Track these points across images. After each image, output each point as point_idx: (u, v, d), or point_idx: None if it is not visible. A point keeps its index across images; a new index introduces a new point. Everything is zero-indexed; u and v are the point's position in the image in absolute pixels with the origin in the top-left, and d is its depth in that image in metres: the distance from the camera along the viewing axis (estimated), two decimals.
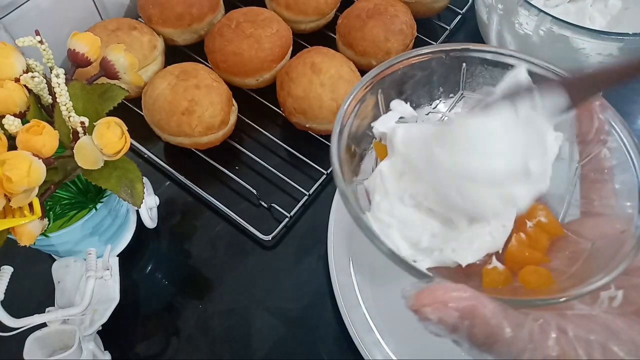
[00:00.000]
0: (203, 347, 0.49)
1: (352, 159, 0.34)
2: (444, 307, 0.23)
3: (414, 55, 0.34)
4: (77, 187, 0.45)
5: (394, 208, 0.31)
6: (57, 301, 0.43)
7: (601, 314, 0.26)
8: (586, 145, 0.32)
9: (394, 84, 0.35)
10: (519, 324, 0.24)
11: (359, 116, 0.33)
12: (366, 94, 0.34)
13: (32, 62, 0.40)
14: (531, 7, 0.54)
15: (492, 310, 0.23)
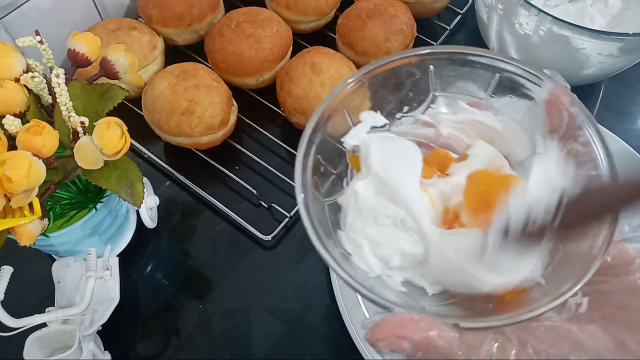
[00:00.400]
0: (203, 346, 0.49)
1: (325, 179, 0.33)
2: (398, 341, 0.24)
3: (378, 65, 0.34)
4: (77, 187, 0.45)
5: (366, 227, 0.31)
6: (57, 301, 0.43)
7: (565, 324, 0.26)
8: (563, 141, 0.31)
9: (360, 96, 0.35)
10: (476, 346, 0.24)
11: (326, 133, 0.33)
12: (333, 110, 0.33)
13: (32, 62, 0.40)
14: (531, 7, 0.54)
15: (446, 339, 0.24)
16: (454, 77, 0.35)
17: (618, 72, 0.61)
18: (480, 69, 0.34)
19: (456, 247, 0.29)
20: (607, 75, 0.62)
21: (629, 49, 0.54)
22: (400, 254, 0.31)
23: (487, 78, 0.34)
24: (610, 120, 0.66)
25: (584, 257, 0.26)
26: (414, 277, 0.31)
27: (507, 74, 0.33)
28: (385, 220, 0.31)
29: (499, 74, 0.34)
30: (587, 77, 0.62)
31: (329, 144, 0.33)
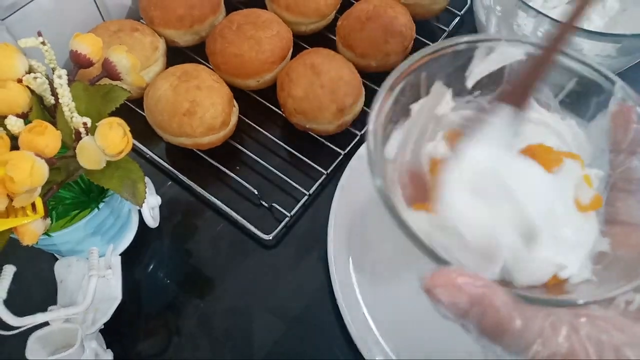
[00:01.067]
0: (204, 345, 0.49)
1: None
2: (456, 291, 0.23)
3: (461, 41, 0.34)
4: (79, 187, 0.46)
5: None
6: (59, 300, 0.44)
7: (617, 316, 0.25)
8: (618, 154, 0.32)
9: (438, 68, 0.34)
10: (530, 317, 0.24)
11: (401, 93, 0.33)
12: (410, 74, 0.33)
13: (35, 63, 0.40)
14: (529, 9, 0.54)
15: (503, 300, 0.24)
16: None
17: (616, 73, 0.61)
18: (558, 69, 0.34)
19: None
20: None
21: (627, 50, 0.54)
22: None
23: (564, 81, 0.34)
24: None
25: (637, 262, 0.27)
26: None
27: (585, 79, 0.33)
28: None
29: (577, 77, 0.33)
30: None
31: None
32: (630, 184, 0.31)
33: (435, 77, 0.35)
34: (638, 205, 0.31)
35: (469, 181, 0.30)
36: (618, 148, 0.32)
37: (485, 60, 0.35)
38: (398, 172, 0.34)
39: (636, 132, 0.31)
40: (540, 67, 0.30)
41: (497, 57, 0.34)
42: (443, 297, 0.24)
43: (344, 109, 0.57)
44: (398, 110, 0.34)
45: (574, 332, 0.24)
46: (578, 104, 0.34)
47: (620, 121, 0.31)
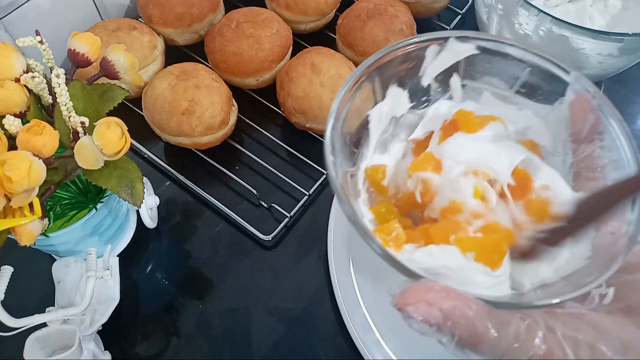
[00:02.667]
0: (203, 346, 0.49)
1: (348, 151, 0.34)
2: (428, 307, 0.23)
3: (410, 42, 0.34)
4: (77, 187, 0.45)
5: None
6: (57, 301, 0.43)
7: (590, 312, 0.26)
8: (580, 143, 0.32)
9: (391, 72, 0.35)
10: (504, 323, 0.24)
11: (353, 107, 0.33)
12: (361, 82, 0.33)
13: (33, 62, 0.40)
14: (531, 7, 0.54)
15: (476, 311, 0.24)
16: (483, 67, 0.35)
17: (618, 72, 0.61)
18: (511, 62, 0.34)
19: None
20: (607, 75, 0.62)
21: (628, 49, 0.54)
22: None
23: (517, 72, 0.34)
24: None
25: (608, 253, 0.27)
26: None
27: (537, 69, 0.33)
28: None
29: (530, 68, 0.33)
30: (587, 77, 0.60)
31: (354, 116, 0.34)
32: (594, 172, 0.31)
33: (390, 81, 0.35)
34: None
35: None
36: (578, 137, 0.32)
37: (437, 58, 0.35)
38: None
39: (594, 120, 0.31)
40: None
41: (448, 55, 0.34)
42: (415, 314, 0.24)
43: None
44: (355, 121, 0.34)
45: (550, 333, 0.24)
46: (534, 94, 0.34)
47: (578, 110, 0.32)
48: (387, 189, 0.34)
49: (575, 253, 0.29)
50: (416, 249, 0.30)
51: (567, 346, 0.24)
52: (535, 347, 0.24)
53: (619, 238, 0.27)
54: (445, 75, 0.35)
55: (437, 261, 0.28)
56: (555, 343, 0.24)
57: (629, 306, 0.26)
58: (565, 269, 0.28)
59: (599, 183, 0.30)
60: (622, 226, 0.27)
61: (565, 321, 0.25)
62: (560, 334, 0.24)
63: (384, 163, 0.35)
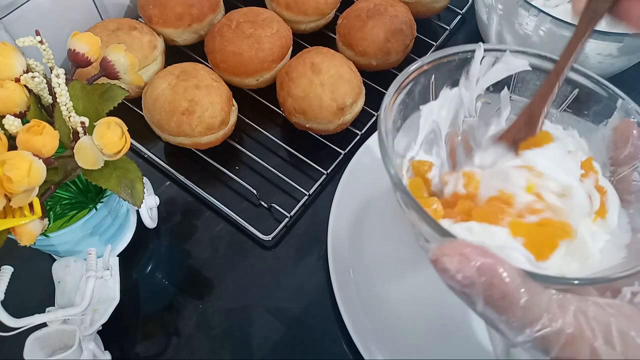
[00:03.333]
0: (203, 346, 0.49)
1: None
2: (464, 259, 0.23)
3: (468, 49, 0.35)
4: (77, 187, 0.45)
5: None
6: (57, 301, 0.43)
7: (623, 305, 0.25)
8: (618, 166, 0.33)
9: (447, 74, 0.36)
10: (538, 293, 0.24)
11: (410, 94, 0.34)
12: (420, 74, 0.34)
13: (33, 62, 0.40)
14: (531, 7, 0.54)
15: (511, 273, 0.23)
16: (534, 84, 0.36)
17: (618, 72, 0.61)
18: (564, 81, 0.34)
19: None
20: (606, 75, 0.62)
21: (628, 49, 0.54)
22: None
23: (566, 92, 0.35)
24: None
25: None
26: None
27: (586, 91, 0.34)
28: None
29: (579, 89, 0.34)
30: None
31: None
32: (629, 194, 0.32)
33: (444, 83, 0.36)
34: (636, 213, 0.32)
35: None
36: (617, 160, 0.33)
37: (491, 69, 0.36)
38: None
39: (635, 146, 0.32)
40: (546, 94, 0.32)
41: (502, 67, 0.36)
42: (450, 265, 0.23)
43: (344, 108, 0.57)
44: (409, 108, 0.35)
45: (582, 313, 0.24)
46: (580, 113, 0.35)
47: (621, 136, 0.33)
48: (431, 182, 0.35)
49: (610, 257, 0.30)
50: (453, 223, 0.30)
51: (598, 329, 0.23)
52: (565, 323, 0.23)
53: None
54: (496, 89, 0.37)
55: (475, 237, 0.29)
56: (586, 323, 0.23)
57: None
58: (600, 266, 0.29)
59: (634, 206, 0.32)
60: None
61: (599, 307, 0.25)
62: (593, 316, 0.24)
63: (430, 160, 0.36)
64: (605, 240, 0.31)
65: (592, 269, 0.29)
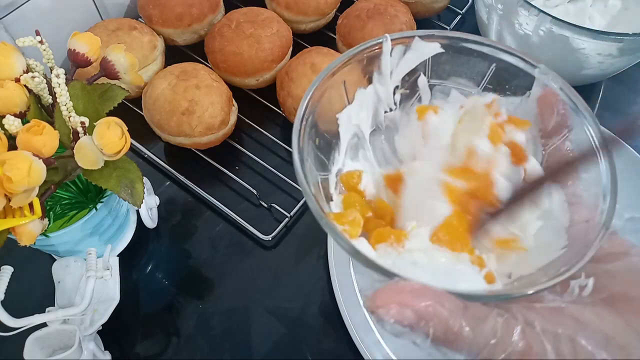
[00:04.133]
0: (203, 346, 0.49)
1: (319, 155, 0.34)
2: (400, 309, 0.23)
3: (375, 43, 0.34)
4: (77, 187, 0.45)
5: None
6: (57, 301, 0.43)
7: (570, 305, 0.25)
8: (549, 137, 0.32)
9: (358, 74, 0.34)
10: (481, 319, 0.24)
11: (322, 109, 0.33)
12: (329, 84, 0.33)
13: (33, 62, 0.40)
14: (531, 7, 0.54)
15: (450, 308, 0.23)
16: (449, 66, 0.35)
17: (618, 72, 0.61)
18: (477, 58, 0.34)
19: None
20: (607, 75, 0.62)
21: (628, 49, 0.54)
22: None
23: (483, 68, 0.34)
24: (610, 120, 0.66)
25: (583, 242, 0.27)
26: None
27: (504, 65, 0.33)
28: None
29: (496, 64, 0.34)
30: (587, 77, 0.62)
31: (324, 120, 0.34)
32: (569, 166, 0.31)
33: (358, 84, 0.35)
34: (575, 183, 0.30)
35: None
36: (546, 131, 0.32)
37: (403, 58, 0.35)
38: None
39: (561, 116, 0.31)
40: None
41: (414, 55, 0.34)
42: (387, 317, 0.23)
43: None
44: (325, 125, 0.34)
45: (529, 327, 0.24)
46: (502, 89, 0.34)
47: (546, 105, 0.32)
48: (364, 193, 0.34)
49: (550, 244, 0.29)
50: (397, 255, 0.30)
51: (546, 341, 0.24)
52: (513, 343, 0.23)
53: (592, 227, 0.27)
54: (412, 77, 0.35)
55: (420, 269, 0.28)
56: (534, 338, 0.24)
57: (610, 296, 0.25)
58: (541, 260, 0.28)
59: (573, 177, 0.30)
60: (595, 215, 0.27)
61: (545, 315, 0.25)
62: (540, 329, 0.24)
63: (359, 168, 0.35)
64: (538, 225, 0.30)
65: (539, 262, 0.28)
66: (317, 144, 0.34)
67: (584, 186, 0.30)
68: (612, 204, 0.27)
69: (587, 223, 0.28)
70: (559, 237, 0.29)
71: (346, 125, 0.35)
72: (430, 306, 0.23)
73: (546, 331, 0.24)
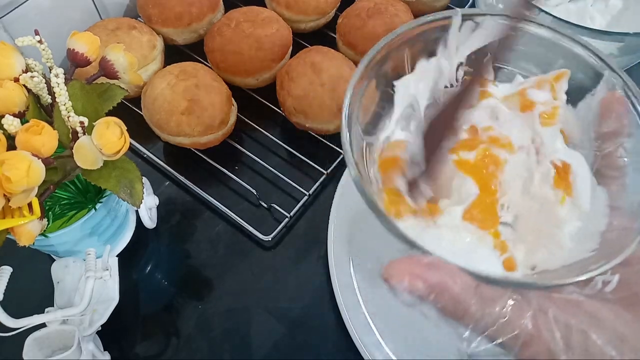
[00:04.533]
0: (203, 347, 0.49)
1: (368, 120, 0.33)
2: (413, 279, 0.24)
3: (443, 16, 0.33)
4: (76, 187, 0.45)
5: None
6: (56, 301, 0.43)
7: (589, 301, 0.25)
8: (603, 142, 0.32)
9: (422, 45, 0.34)
10: (492, 300, 0.24)
11: (380, 74, 0.33)
12: (390, 52, 0.32)
13: (32, 62, 0.39)
14: (531, 7, 0.54)
15: (461, 286, 0.24)
16: (518, 50, 0.34)
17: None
18: (547, 45, 0.33)
19: None
20: None
21: (629, 48, 0.54)
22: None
23: (552, 58, 0.33)
24: None
25: (616, 245, 0.27)
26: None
27: (574, 57, 0.32)
28: None
29: (565, 54, 0.33)
30: None
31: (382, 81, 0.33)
32: (613, 170, 0.31)
33: (420, 55, 0.34)
34: (620, 190, 0.30)
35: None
36: (601, 134, 0.32)
37: (472, 36, 0.34)
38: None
39: (621, 123, 0.31)
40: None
41: (483, 32, 0.33)
42: (400, 285, 0.24)
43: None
44: (381, 91, 0.33)
45: (541, 313, 0.24)
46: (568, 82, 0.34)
47: (608, 109, 0.31)
48: (404, 162, 0.33)
49: (583, 244, 0.29)
50: (424, 228, 0.30)
51: (556, 329, 0.24)
52: (521, 324, 0.24)
53: (628, 233, 0.27)
54: (478, 56, 0.34)
55: (443, 247, 0.28)
56: (544, 324, 0.24)
57: (632, 295, 0.25)
58: (569, 259, 0.28)
59: (618, 181, 0.30)
60: (634, 222, 0.27)
61: (560, 305, 0.25)
62: (552, 316, 0.24)
63: (404, 139, 0.34)
64: (577, 226, 0.30)
65: (560, 260, 0.28)
66: (370, 109, 0.33)
67: (628, 192, 0.30)
68: None
69: (624, 231, 0.28)
70: (592, 240, 0.29)
71: (402, 93, 0.34)
72: (443, 281, 0.24)
73: (558, 320, 0.24)
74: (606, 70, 0.31)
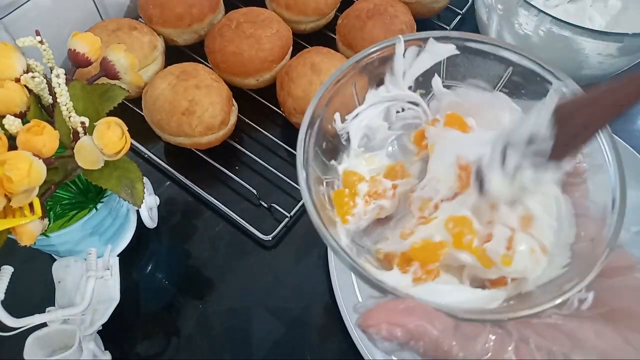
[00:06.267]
0: (203, 346, 0.49)
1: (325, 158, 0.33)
2: (390, 328, 0.23)
3: (388, 44, 0.33)
4: (77, 187, 0.45)
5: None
6: (57, 301, 0.43)
7: (567, 321, 0.25)
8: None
9: (370, 75, 0.34)
10: (472, 337, 0.24)
11: (330, 111, 0.33)
12: (340, 85, 0.33)
13: (33, 62, 0.40)
14: (531, 8, 0.54)
15: (440, 329, 0.23)
16: (464, 68, 0.34)
17: (618, 72, 0.61)
18: (493, 61, 0.33)
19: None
20: (607, 75, 0.62)
21: (628, 49, 0.54)
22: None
23: (499, 72, 0.33)
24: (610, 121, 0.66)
25: (587, 259, 0.26)
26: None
27: (520, 69, 0.33)
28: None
29: (513, 68, 0.33)
30: (587, 77, 0.62)
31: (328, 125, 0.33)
32: (575, 177, 0.30)
33: (369, 85, 0.35)
34: (583, 195, 0.30)
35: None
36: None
37: (417, 60, 0.34)
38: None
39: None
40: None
41: (428, 56, 0.34)
42: (378, 334, 0.23)
43: None
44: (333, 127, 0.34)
45: (523, 344, 0.24)
46: (517, 92, 0.34)
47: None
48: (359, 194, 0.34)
49: (554, 261, 0.28)
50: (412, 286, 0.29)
51: (540, 357, 0.24)
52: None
53: (598, 243, 0.27)
54: (426, 78, 0.35)
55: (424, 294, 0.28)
56: (527, 354, 0.24)
57: (609, 311, 0.25)
58: (542, 278, 0.28)
59: (581, 187, 0.30)
60: (602, 230, 0.27)
61: (540, 331, 0.25)
62: (534, 345, 0.24)
63: (364, 169, 0.34)
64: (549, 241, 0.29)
65: (540, 279, 0.28)
66: (324, 148, 0.33)
67: (592, 196, 0.29)
68: (619, 219, 0.27)
69: (592, 241, 0.27)
70: (562, 255, 0.28)
71: (356, 125, 0.35)
72: (421, 326, 0.23)
73: (541, 348, 0.24)
74: (553, 78, 0.31)
